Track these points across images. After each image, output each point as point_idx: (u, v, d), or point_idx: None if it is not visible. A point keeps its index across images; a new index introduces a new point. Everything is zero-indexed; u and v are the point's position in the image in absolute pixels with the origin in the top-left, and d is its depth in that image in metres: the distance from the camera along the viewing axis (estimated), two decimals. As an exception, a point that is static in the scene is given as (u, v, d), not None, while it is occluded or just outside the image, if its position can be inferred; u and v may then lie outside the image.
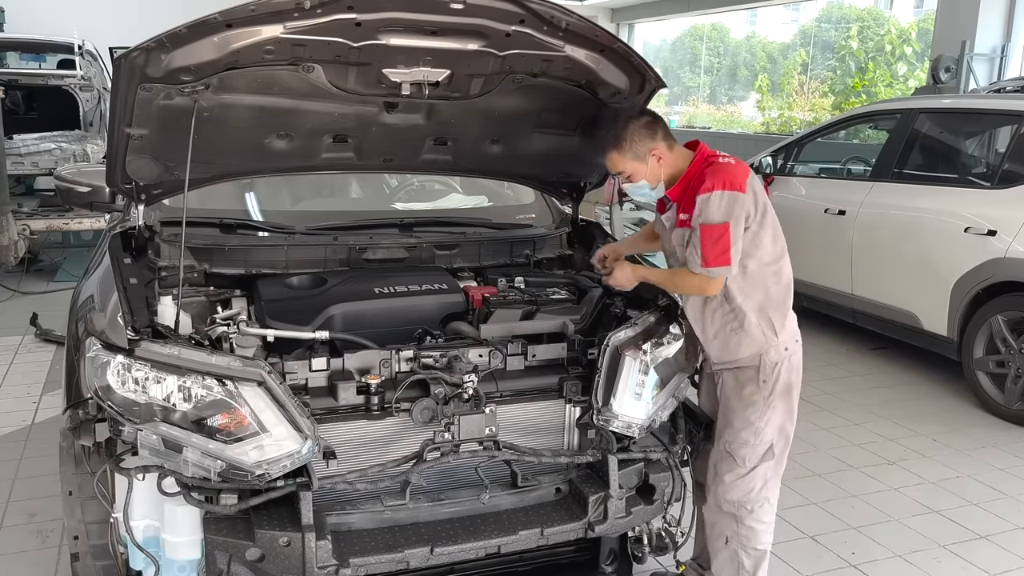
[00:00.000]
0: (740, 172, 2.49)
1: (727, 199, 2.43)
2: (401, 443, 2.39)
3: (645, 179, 2.57)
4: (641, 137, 2.52)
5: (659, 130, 2.55)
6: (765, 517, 2.68)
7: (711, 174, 2.47)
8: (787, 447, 2.68)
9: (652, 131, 2.54)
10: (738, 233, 2.46)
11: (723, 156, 2.56)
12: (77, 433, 2.25)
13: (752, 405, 2.59)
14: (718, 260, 2.45)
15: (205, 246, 2.84)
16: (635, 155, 2.53)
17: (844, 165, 7.15)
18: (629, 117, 2.55)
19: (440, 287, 2.85)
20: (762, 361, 2.57)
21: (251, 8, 2.15)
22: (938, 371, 5.59)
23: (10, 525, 3.42)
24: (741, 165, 2.52)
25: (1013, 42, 9.61)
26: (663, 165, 2.55)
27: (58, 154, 7.57)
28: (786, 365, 2.60)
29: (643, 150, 2.53)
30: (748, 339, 2.56)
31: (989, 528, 3.68)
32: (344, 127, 2.77)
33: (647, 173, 2.56)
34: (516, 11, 2.32)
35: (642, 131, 2.53)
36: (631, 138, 2.52)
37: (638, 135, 2.52)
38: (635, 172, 2.56)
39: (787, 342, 2.60)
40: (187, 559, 2.26)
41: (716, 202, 2.43)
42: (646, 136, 2.52)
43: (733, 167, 2.50)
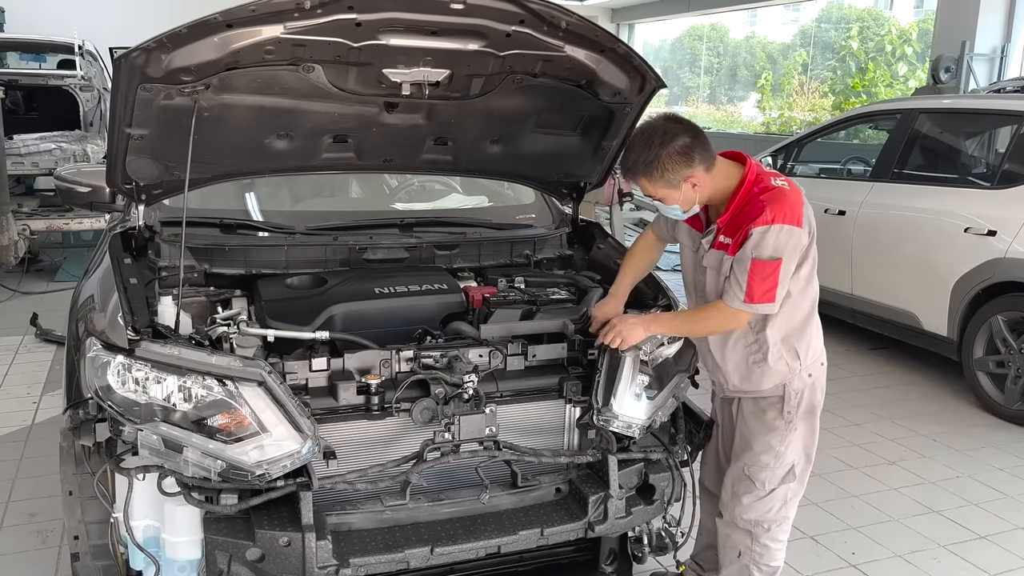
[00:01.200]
0: (797, 200, 2.33)
1: (784, 235, 2.28)
2: (401, 443, 2.39)
3: (678, 204, 2.38)
4: (675, 165, 2.29)
5: (696, 154, 2.30)
6: (781, 536, 2.63)
7: (770, 203, 2.28)
8: (809, 466, 2.60)
9: (688, 157, 2.29)
10: (789, 270, 2.33)
11: (774, 176, 2.38)
12: (77, 433, 2.25)
13: (773, 431, 2.53)
14: (763, 297, 2.31)
15: (205, 246, 2.84)
16: (667, 183, 2.32)
17: (844, 165, 7.16)
18: (664, 141, 2.29)
19: (440, 287, 2.85)
20: (785, 392, 2.49)
21: (251, 8, 2.15)
22: (938, 371, 5.59)
23: (10, 525, 3.42)
24: (796, 191, 2.36)
25: (1013, 42, 9.62)
26: (699, 190, 2.35)
27: (58, 154, 7.57)
28: (809, 390, 2.52)
29: (676, 178, 2.31)
30: (771, 371, 2.47)
31: (989, 528, 3.68)
32: (344, 127, 2.78)
33: (680, 199, 2.36)
34: (516, 11, 2.32)
35: (676, 158, 2.29)
36: (663, 166, 2.29)
37: (671, 163, 2.29)
38: (667, 197, 2.37)
39: (811, 367, 2.51)
40: (187, 559, 2.26)
41: (774, 237, 2.27)
42: (681, 164, 2.29)
43: (791, 196, 2.32)
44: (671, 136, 2.30)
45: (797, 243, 2.32)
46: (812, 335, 2.52)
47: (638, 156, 2.34)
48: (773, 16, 26.16)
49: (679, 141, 2.30)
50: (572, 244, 3.41)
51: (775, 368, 2.48)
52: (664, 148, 2.29)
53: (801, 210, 2.34)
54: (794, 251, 2.33)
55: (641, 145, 2.34)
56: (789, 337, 2.47)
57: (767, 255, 2.29)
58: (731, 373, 2.55)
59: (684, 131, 2.32)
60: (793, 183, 2.41)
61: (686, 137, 2.31)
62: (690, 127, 2.35)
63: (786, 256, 2.31)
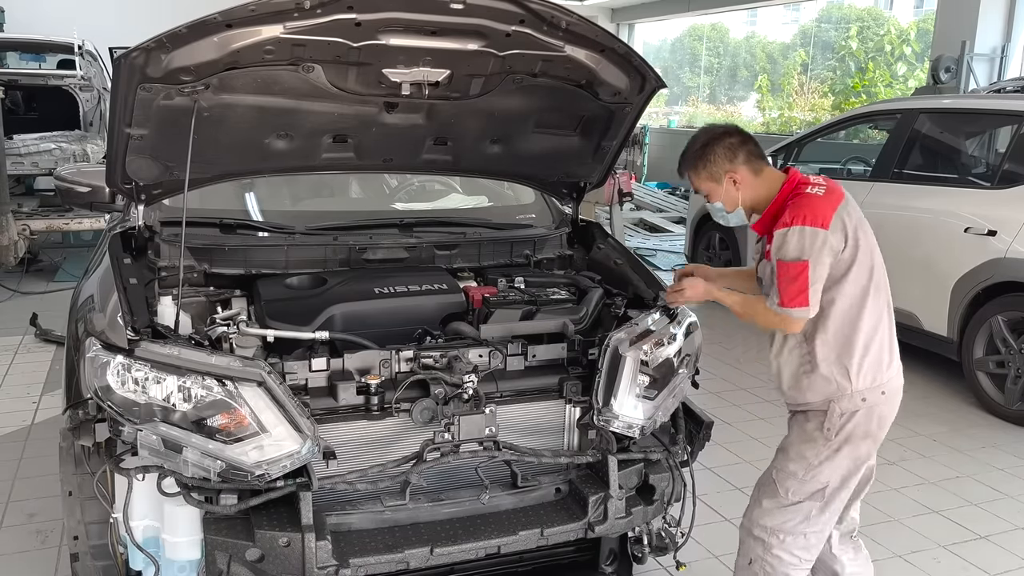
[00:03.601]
0: (825, 204, 2.32)
1: (807, 235, 2.28)
2: (401, 443, 2.39)
3: (721, 201, 2.47)
4: (718, 158, 2.41)
5: (740, 153, 2.42)
6: (797, 551, 2.47)
7: (792, 207, 2.32)
8: (843, 495, 2.47)
9: (732, 153, 2.41)
10: (819, 273, 2.30)
11: (815, 184, 2.39)
12: (77, 433, 2.25)
13: (811, 442, 2.43)
14: (794, 301, 2.30)
15: (205, 246, 2.84)
16: (710, 175, 2.44)
17: (844, 165, 7.16)
18: (712, 136, 2.44)
19: (440, 287, 2.85)
20: (830, 408, 2.39)
21: (251, 8, 2.15)
22: (938, 371, 5.59)
23: (10, 525, 3.42)
24: (831, 196, 2.36)
25: (1013, 42, 9.61)
26: (741, 189, 2.42)
27: (58, 154, 7.57)
28: (862, 416, 2.39)
29: (719, 171, 2.42)
30: (818, 384, 2.40)
31: (989, 528, 3.68)
32: (344, 127, 2.77)
33: (723, 195, 2.45)
34: (516, 11, 2.32)
35: (721, 151, 2.41)
36: (708, 158, 2.42)
37: (715, 155, 2.41)
38: (711, 192, 2.47)
39: (866, 391, 2.38)
40: (187, 559, 2.25)
41: (794, 238, 2.29)
42: (723, 157, 2.41)
43: (818, 199, 2.33)
44: (721, 134, 2.45)
45: (822, 245, 2.29)
46: (872, 357, 2.40)
47: (689, 149, 2.49)
48: (773, 16, 26.14)
49: (727, 139, 2.43)
50: (572, 244, 3.41)
51: (822, 382, 2.39)
52: (711, 143, 2.44)
53: (827, 212, 2.32)
54: (820, 253, 2.29)
55: (693, 141, 2.49)
56: (840, 353, 2.38)
57: (790, 257, 2.30)
58: (783, 380, 2.50)
59: (735, 133, 2.47)
60: (835, 187, 2.40)
61: (735, 137, 2.44)
62: (743, 133, 2.47)
63: (812, 258, 2.29)
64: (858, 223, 2.40)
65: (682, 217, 11.32)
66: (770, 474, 2.54)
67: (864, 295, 2.39)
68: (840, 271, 2.36)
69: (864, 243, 2.39)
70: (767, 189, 2.45)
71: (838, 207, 2.35)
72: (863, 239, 2.39)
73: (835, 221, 2.33)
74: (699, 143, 2.46)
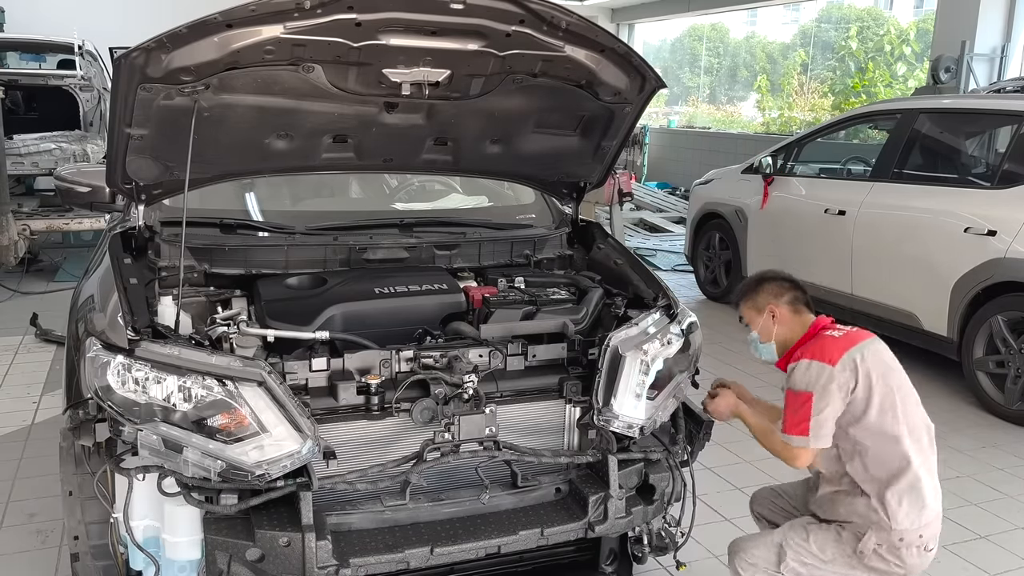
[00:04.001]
0: (837, 345, 2.43)
1: (813, 369, 2.40)
2: (401, 443, 2.39)
3: (758, 331, 2.63)
4: (765, 293, 2.62)
5: (787, 294, 2.61)
6: None
7: (807, 346, 2.49)
8: None
9: (779, 292, 2.61)
10: (825, 406, 2.37)
11: (836, 328, 2.53)
12: (77, 433, 2.25)
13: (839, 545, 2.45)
14: (796, 428, 2.40)
15: (205, 246, 2.84)
16: (755, 305, 2.63)
17: (844, 165, 7.16)
18: (768, 276, 2.68)
19: (440, 287, 2.85)
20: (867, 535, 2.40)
21: (251, 8, 2.15)
22: (938, 371, 5.59)
23: (10, 525, 3.42)
24: (847, 338, 2.46)
25: (1013, 42, 9.61)
26: (778, 323, 2.58)
27: (58, 154, 7.57)
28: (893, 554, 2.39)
29: (763, 303, 2.61)
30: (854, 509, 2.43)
31: (989, 528, 3.68)
32: (344, 127, 2.77)
33: (761, 325, 2.62)
34: (516, 11, 2.32)
35: (770, 288, 2.62)
36: (757, 290, 2.64)
37: (765, 291, 2.62)
38: (752, 321, 2.64)
39: (905, 532, 2.38)
40: (187, 559, 2.25)
41: (802, 371, 2.42)
42: (770, 294, 2.61)
43: (832, 340, 2.46)
44: (775, 276, 2.69)
45: (828, 380, 2.38)
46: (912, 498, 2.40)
47: (746, 284, 2.73)
48: (773, 16, 26.15)
49: (779, 281, 2.66)
50: (572, 244, 3.41)
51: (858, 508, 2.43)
52: (765, 280, 2.67)
53: (837, 352, 2.41)
54: (826, 389, 2.37)
55: (755, 276, 2.75)
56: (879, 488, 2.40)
57: (797, 387, 2.43)
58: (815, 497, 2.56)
59: (788, 279, 2.67)
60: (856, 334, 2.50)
61: (786, 282, 2.66)
62: (795, 282, 2.67)
63: (817, 392, 2.38)
64: (881, 369, 2.44)
65: (682, 217, 11.33)
66: (784, 535, 2.52)
67: (896, 438, 2.41)
68: (859, 409, 2.41)
69: (883, 387, 2.42)
70: (799, 331, 2.58)
71: (851, 348, 2.43)
72: (880, 383, 2.42)
73: (844, 360, 2.40)
74: (755, 278, 2.72)
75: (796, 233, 6.45)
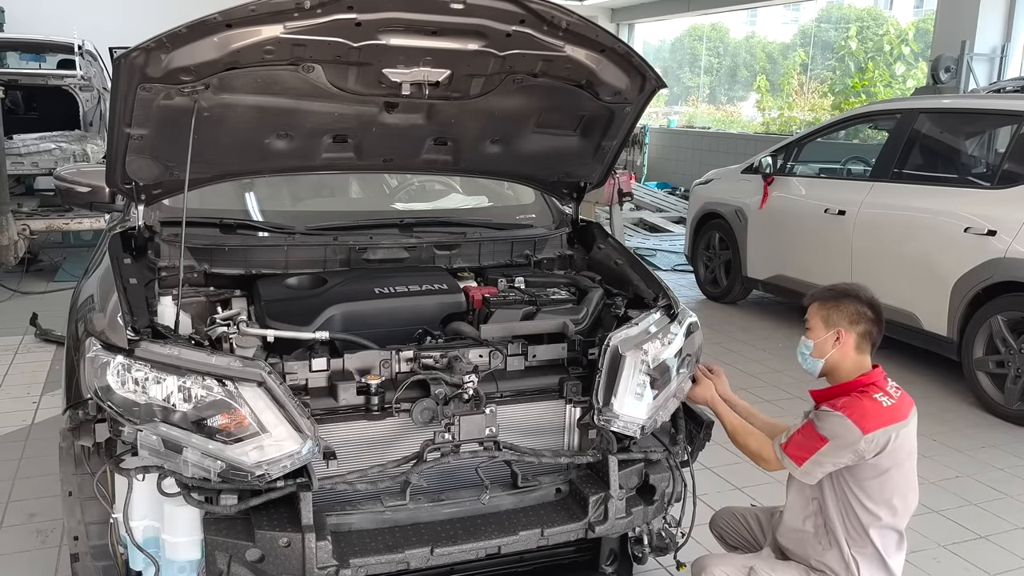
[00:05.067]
0: (882, 415, 2.33)
1: (844, 426, 2.32)
2: (401, 443, 2.39)
3: (815, 342, 2.47)
4: (843, 314, 2.44)
5: (863, 324, 2.44)
6: None
7: (852, 400, 2.37)
8: None
9: (856, 319, 2.44)
10: (830, 457, 2.34)
11: (887, 394, 2.40)
12: (77, 433, 2.25)
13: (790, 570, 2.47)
14: (795, 454, 2.40)
15: (205, 246, 2.84)
16: (826, 317, 2.46)
17: (844, 165, 7.16)
18: (856, 295, 2.47)
19: (440, 287, 2.85)
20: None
21: (251, 8, 2.15)
22: (938, 371, 5.59)
23: (10, 525, 3.42)
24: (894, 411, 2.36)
25: (1013, 42, 9.61)
26: (837, 348, 2.44)
27: (58, 154, 7.57)
28: None
29: (835, 320, 2.45)
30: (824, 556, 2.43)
31: (989, 528, 3.68)
32: (344, 127, 2.77)
33: (820, 339, 2.47)
34: (516, 11, 2.32)
35: (849, 312, 2.44)
36: (837, 305, 2.46)
37: (844, 309, 2.45)
38: (814, 329, 2.48)
39: None
40: (187, 559, 2.25)
41: (834, 421, 2.34)
42: (846, 318, 2.44)
43: (879, 407, 2.35)
44: (863, 301, 2.47)
45: (850, 443, 2.32)
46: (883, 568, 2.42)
47: (831, 289, 2.53)
48: (773, 16, 26.17)
49: (864, 308, 2.46)
50: (572, 244, 3.41)
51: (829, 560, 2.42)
52: (851, 299, 2.47)
53: (875, 423, 2.32)
54: (843, 447, 2.33)
55: (841, 286, 2.54)
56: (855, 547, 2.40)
57: (821, 430, 2.36)
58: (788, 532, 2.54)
59: (874, 309, 2.47)
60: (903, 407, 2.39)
61: (870, 311, 2.46)
62: (879, 312, 2.49)
63: (834, 444, 2.33)
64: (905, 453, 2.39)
65: (682, 217, 11.33)
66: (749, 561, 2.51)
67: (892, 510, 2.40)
68: (867, 474, 2.37)
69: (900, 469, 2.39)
70: (850, 370, 2.46)
71: (890, 426, 2.34)
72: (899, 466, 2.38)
73: (878, 434, 2.32)
74: (841, 288, 2.51)
75: (796, 233, 6.45)
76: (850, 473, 2.39)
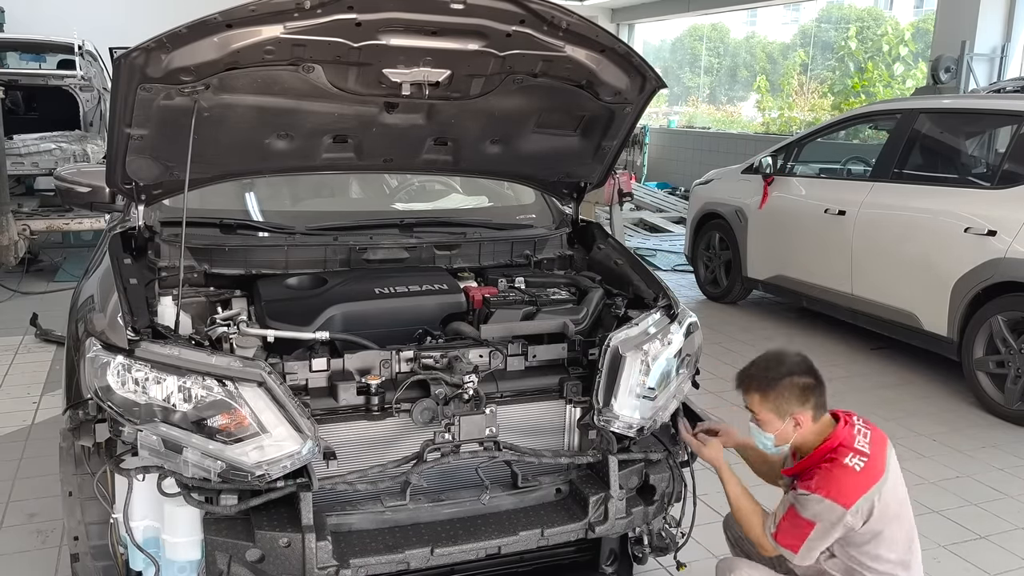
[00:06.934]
0: (857, 483, 2.28)
1: (825, 507, 2.27)
2: (401, 444, 2.39)
3: (774, 434, 2.39)
4: (791, 396, 2.34)
5: (813, 397, 2.36)
6: None
7: (823, 474, 2.30)
8: None
9: (806, 396, 2.35)
10: (822, 538, 2.30)
11: (857, 453, 2.32)
12: (77, 433, 2.25)
13: None
14: (787, 543, 2.35)
15: (205, 246, 2.84)
16: (776, 408, 2.36)
17: (844, 165, 7.16)
18: (792, 371, 2.36)
19: (440, 287, 2.85)
20: None
21: (251, 8, 2.15)
22: (938, 371, 5.59)
23: (10, 525, 3.42)
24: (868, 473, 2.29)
25: (1013, 42, 9.61)
26: (798, 432, 2.38)
27: (58, 154, 7.57)
28: None
29: (786, 409, 2.35)
30: None
31: (989, 528, 3.68)
32: (344, 127, 2.77)
33: (779, 430, 2.38)
34: (516, 11, 2.32)
35: (795, 391, 2.34)
36: (781, 392, 2.35)
37: (788, 391, 2.34)
38: (768, 423, 2.39)
39: None
40: (187, 560, 2.25)
41: (813, 504, 2.28)
42: (795, 398, 2.34)
43: (852, 475, 2.28)
44: (801, 371, 2.37)
45: (836, 520, 2.27)
46: None
47: (762, 371, 2.40)
48: (773, 16, 26.18)
49: (805, 379, 2.37)
50: (572, 244, 3.41)
51: None
52: (790, 376, 2.36)
53: (854, 494, 2.27)
54: (830, 526, 2.28)
55: (769, 363, 2.40)
56: None
57: (803, 513, 2.32)
58: None
59: (812, 374, 2.39)
60: (877, 461, 2.33)
61: (812, 379, 2.37)
62: (818, 374, 2.40)
63: (821, 526, 2.29)
64: (895, 508, 2.35)
65: (682, 217, 11.33)
66: None
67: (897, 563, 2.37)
68: (863, 539, 2.34)
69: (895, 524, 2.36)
70: (815, 438, 2.41)
71: (869, 490, 2.29)
72: (893, 522, 2.35)
73: (860, 503, 2.28)
74: (775, 368, 2.37)
75: (796, 233, 6.45)
76: (848, 543, 2.35)
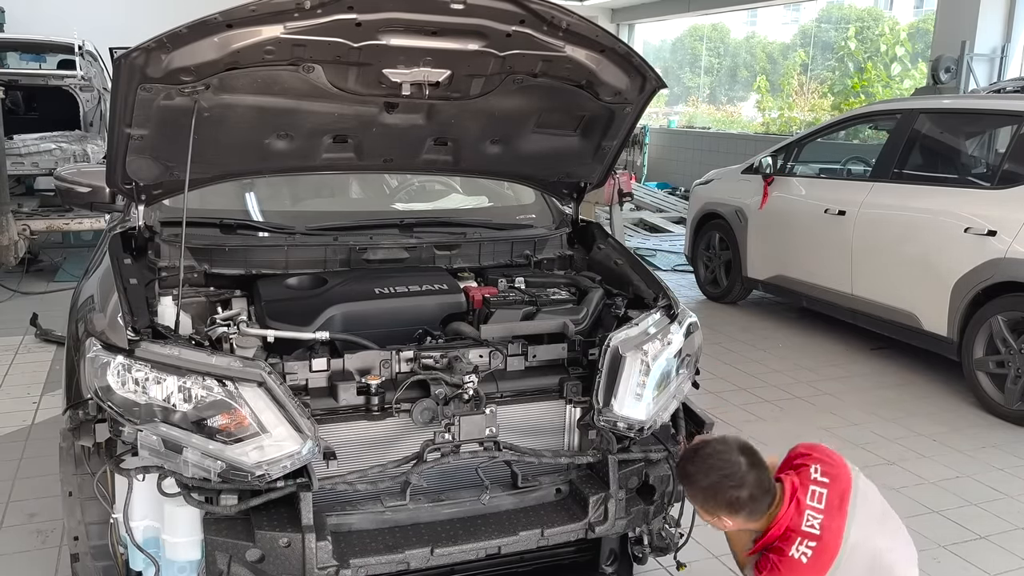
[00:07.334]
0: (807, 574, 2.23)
1: None
2: (401, 444, 2.39)
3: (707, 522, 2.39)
4: (719, 505, 2.30)
5: (743, 511, 2.29)
6: None
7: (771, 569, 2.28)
8: None
9: (733, 509, 2.28)
10: None
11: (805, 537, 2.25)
12: (77, 434, 2.25)
13: None
14: None
15: (205, 246, 2.84)
16: (705, 509, 2.35)
17: (844, 165, 7.16)
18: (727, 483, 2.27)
19: (440, 287, 2.85)
20: None
21: (251, 8, 2.15)
22: (938, 371, 5.59)
23: (10, 525, 3.42)
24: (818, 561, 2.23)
25: (1013, 42, 9.61)
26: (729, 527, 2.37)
27: (58, 154, 7.57)
28: None
29: (714, 511, 2.33)
30: None
31: (989, 528, 3.68)
32: (344, 127, 2.77)
33: (710, 521, 2.37)
34: (516, 11, 2.32)
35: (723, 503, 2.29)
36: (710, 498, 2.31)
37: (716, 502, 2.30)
38: (701, 513, 2.39)
39: None
40: (187, 560, 2.25)
41: None
42: (723, 509, 2.30)
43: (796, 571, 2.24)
44: (736, 484, 2.27)
45: None
46: None
47: (701, 472, 2.32)
48: (773, 16, 26.19)
49: (738, 493, 2.27)
50: (572, 244, 3.41)
51: None
52: (722, 488, 2.28)
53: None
54: None
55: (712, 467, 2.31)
56: None
57: None
58: None
59: (748, 486, 2.27)
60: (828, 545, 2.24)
61: (745, 493, 2.27)
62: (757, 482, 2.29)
63: None
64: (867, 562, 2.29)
65: (682, 217, 11.33)
66: None
67: None
68: None
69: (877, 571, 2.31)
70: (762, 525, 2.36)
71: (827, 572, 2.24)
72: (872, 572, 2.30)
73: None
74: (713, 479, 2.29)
75: (796, 233, 6.45)
76: None
